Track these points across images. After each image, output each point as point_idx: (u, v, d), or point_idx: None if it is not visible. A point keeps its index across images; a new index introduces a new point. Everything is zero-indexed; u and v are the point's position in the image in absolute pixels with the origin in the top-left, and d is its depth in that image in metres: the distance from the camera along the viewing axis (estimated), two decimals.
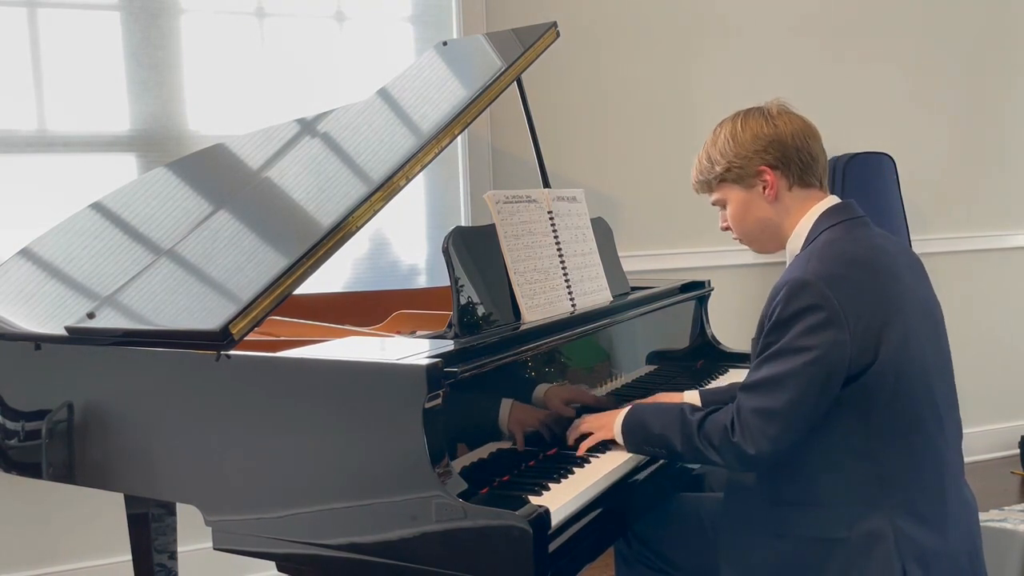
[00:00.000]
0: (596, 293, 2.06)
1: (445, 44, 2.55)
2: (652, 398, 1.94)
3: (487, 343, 1.62)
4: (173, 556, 2.03)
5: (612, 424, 1.72)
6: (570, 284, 1.97)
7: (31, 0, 2.65)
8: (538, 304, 1.85)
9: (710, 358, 2.46)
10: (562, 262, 1.97)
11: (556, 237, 1.98)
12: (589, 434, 1.74)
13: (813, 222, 1.64)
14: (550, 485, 1.54)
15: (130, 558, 2.02)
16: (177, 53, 2.81)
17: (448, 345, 1.56)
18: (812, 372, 1.47)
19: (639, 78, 3.35)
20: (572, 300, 1.96)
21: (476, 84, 2.10)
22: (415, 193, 3.12)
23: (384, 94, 2.32)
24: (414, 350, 1.50)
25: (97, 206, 2.24)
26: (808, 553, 1.54)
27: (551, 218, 1.98)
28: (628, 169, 3.35)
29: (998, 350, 4.03)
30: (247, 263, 1.73)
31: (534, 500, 1.42)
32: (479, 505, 1.34)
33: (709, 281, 2.53)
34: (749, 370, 1.58)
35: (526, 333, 1.74)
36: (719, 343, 2.49)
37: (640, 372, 2.15)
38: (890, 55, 3.75)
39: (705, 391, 1.99)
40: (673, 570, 1.81)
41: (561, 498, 1.48)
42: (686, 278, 2.52)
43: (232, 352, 1.54)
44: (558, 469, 1.62)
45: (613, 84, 3.31)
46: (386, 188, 1.75)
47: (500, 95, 2.10)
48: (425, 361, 1.40)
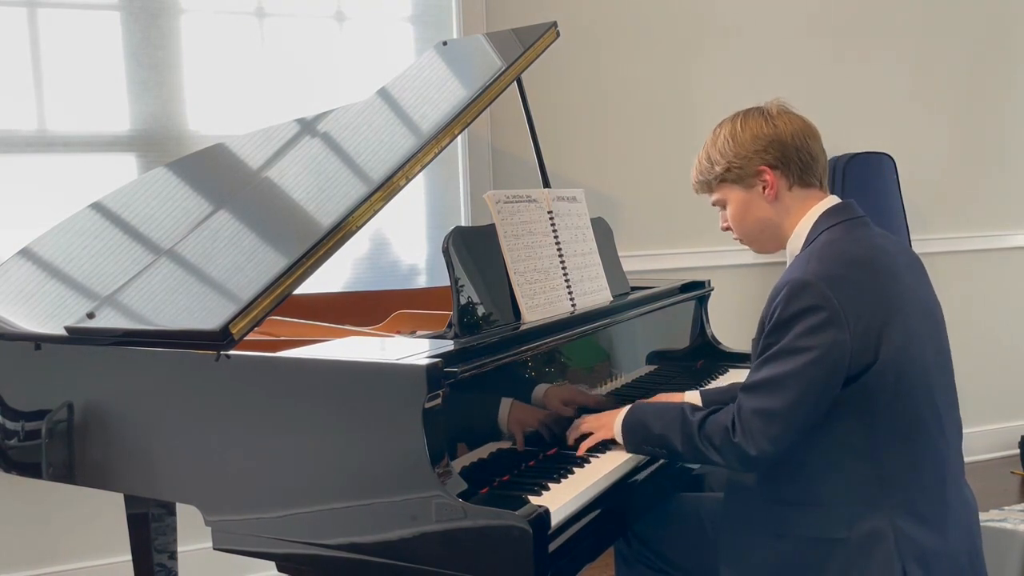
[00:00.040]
0: (596, 293, 2.06)
1: (445, 44, 2.55)
2: (653, 398, 1.93)
3: (487, 343, 1.62)
4: (173, 556, 2.03)
5: (612, 424, 1.72)
6: (570, 284, 1.97)
7: (31, 0, 2.66)
8: (538, 304, 1.85)
9: (710, 358, 2.46)
10: (562, 262, 1.97)
11: (556, 237, 1.97)
12: (589, 434, 1.74)
13: (813, 222, 1.64)
14: (550, 485, 1.54)
15: (130, 558, 2.02)
16: (177, 53, 2.81)
17: (448, 345, 1.56)
18: (813, 372, 1.47)
19: (639, 78, 3.35)
20: (572, 300, 1.96)
21: (476, 84, 2.10)
22: (415, 193, 3.12)
23: (384, 94, 2.32)
24: (414, 350, 1.50)
25: (97, 206, 2.24)
26: (808, 553, 1.54)
27: (551, 218, 1.98)
28: (628, 169, 3.35)
29: (998, 350, 4.03)
30: (247, 263, 1.73)
31: (534, 500, 1.42)
32: (479, 505, 1.34)
33: (709, 281, 2.53)
34: (750, 371, 1.58)
35: (526, 333, 1.73)
36: (719, 343, 2.49)
37: (640, 372, 2.15)
38: (890, 55, 3.75)
39: (706, 391, 1.99)
40: (673, 570, 1.81)
41: (561, 498, 1.48)
42: (686, 278, 2.52)
43: (232, 352, 1.54)
44: (558, 469, 1.62)
45: (613, 84, 3.31)
46: (386, 188, 1.75)
47: (500, 95, 2.10)
48: (425, 361, 1.40)
